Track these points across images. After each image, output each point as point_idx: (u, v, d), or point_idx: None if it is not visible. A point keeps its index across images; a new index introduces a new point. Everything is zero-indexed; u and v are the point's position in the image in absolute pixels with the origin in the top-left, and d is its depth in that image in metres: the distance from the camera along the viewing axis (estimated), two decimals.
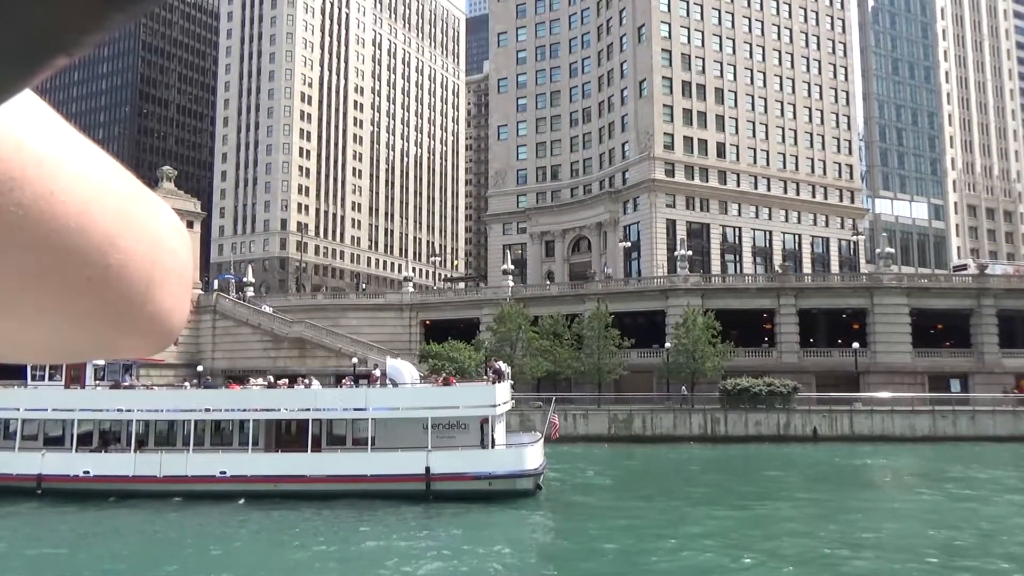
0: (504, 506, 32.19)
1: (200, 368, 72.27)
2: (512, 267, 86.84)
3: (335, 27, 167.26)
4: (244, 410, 34.31)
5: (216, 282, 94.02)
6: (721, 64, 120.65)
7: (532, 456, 32.92)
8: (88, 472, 33.62)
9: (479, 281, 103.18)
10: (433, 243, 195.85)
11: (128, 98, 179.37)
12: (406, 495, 32.48)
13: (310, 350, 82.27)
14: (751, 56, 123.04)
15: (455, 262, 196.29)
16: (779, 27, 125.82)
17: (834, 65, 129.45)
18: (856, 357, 69.93)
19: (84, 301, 0.73)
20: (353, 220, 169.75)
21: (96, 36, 0.61)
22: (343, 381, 40.93)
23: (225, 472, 33.11)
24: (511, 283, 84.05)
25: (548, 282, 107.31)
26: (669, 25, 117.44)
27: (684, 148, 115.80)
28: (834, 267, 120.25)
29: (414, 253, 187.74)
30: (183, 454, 33.63)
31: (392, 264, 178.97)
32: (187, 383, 42.66)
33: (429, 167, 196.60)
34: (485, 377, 36.22)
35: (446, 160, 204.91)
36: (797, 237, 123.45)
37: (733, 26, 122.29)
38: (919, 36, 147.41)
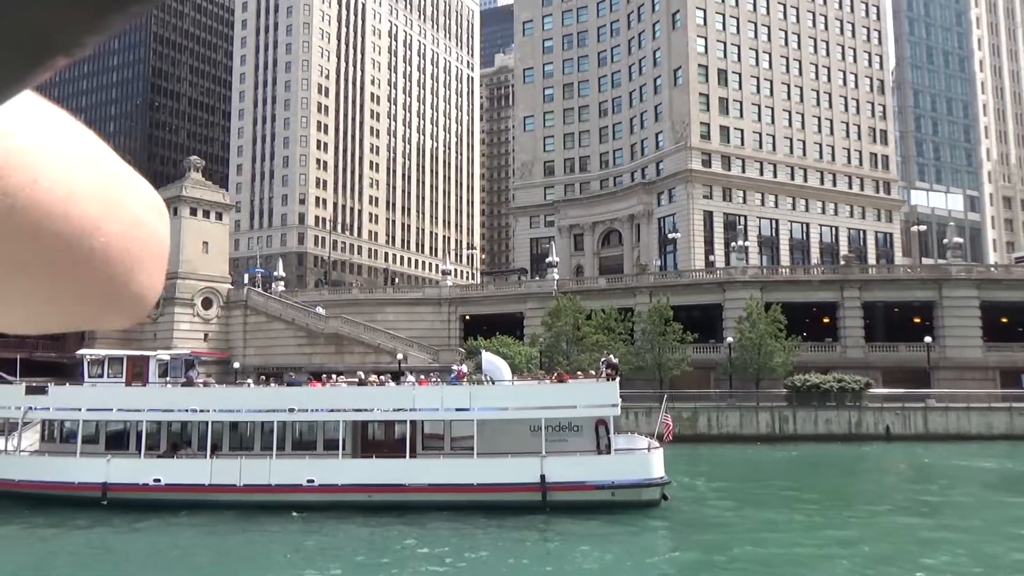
0: (629, 519, 28.70)
1: (237, 365, 68.92)
2: (556, 259, 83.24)
3: (352, 17, 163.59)
4: (332, 410, 30.74)
5: (246, 276, 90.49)
6: (756, 52, 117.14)
7: (657, 462, 29.41)
8: (159, 480, 30.05)
9: (520, 275, 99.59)
10: (449, 238, 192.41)
11: (140, 91, 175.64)
12: (518, 506, 28.97)
13: (347, 346, 78.84)
14: (786, 43, 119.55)
15: (470, 255, 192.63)
16: (814, 14, 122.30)
17: (869, 53, 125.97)
18: (928, 352, 66.38)
19: (69, 284, 0.74)
20: (370, 214, 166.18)
21: (97, 37, 0.61)
22: (425, 377, 37.22)
23: (313, 481, 29.56)
24: (556, 276, 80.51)
25: (578, 275, 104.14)
26: (704, 11, 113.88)
27: (720, 138, 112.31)
28: (871, 259, 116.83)
29: (431, 248, 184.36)
30: (265, 460, 30.06)
31: (410, 259, 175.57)
32: (249, 380, 39.11)
33: (444, 161, 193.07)
34: (595, 373, 32.62)
35: (461, 154, 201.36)
36: (834, 229, 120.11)
37: (768, 12, 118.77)
38: (953, 23, 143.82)
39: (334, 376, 36.39)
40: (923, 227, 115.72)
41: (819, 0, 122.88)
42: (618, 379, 30.96)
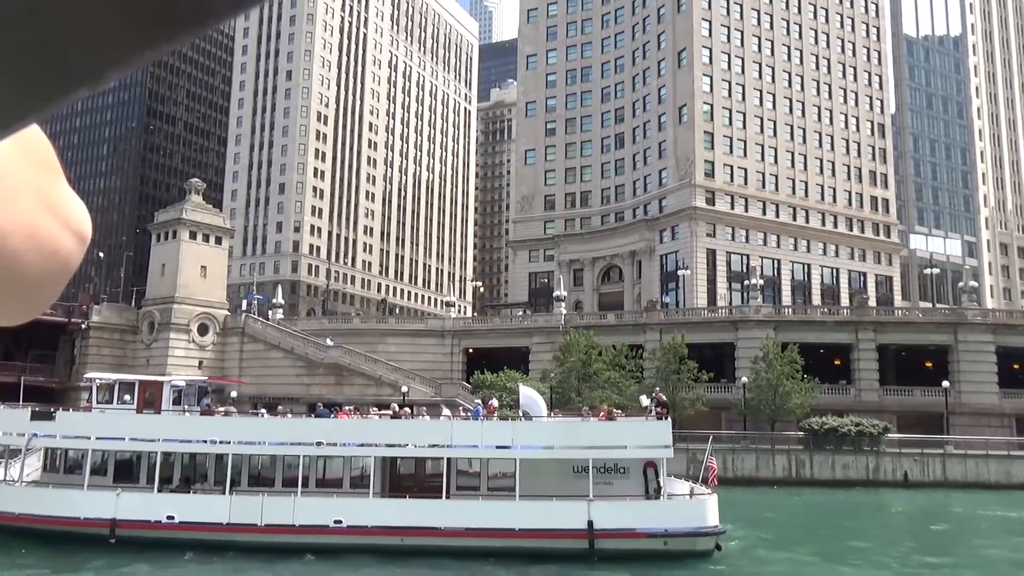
0: (682, 570, 26.69)
1: (235, 394, 66.28)
2: (563, 294, 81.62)
3: (353, 47, 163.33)
4: (362, 445, 28.59)
5: (244, 302, 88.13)
6: (760, 92, 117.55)
7: (712, 510, 27.48)
8: (173, 517, 27.69)
9: (526, 308, 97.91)
10: (442, 270, 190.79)
11: (135, 114, 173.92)
12: (562, 555, 26.87)
13: (347, 377, 76.55)
14: (790, 85, 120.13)
15: (473, 288, 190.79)
16: (817, 57, 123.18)
17: (870, 97, 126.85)
18: (946, 397, 64.99)
19: None
20: (365, 244, 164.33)
21: (121, 72, 0.62)
22: (453, 412, 35.06)
23: (341, 522, 27.30)
24: (563, 310, 78.84)
25: (576, 310, 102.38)
26: (710, 50, 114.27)
27: (724, 176, 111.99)
28: (871, 303, 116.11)
29: (423, 280, 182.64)
30: (289, 498, 27.80)
31: (403, 291, 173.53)
32: (263, 411, 36.84)
33: (440, 193, 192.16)
34: (647, 411, 30.64)
35: (456, 187, 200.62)
36: (834, 271, 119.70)
37: (773, 54, 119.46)
38: (952, 71, 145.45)
39: (356, 407, 34.16)
40: (936, 270, 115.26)
41: (822, 44, 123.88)
42: (670, 419, 29.09)
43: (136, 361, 77.82)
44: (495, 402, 34.18)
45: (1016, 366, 73.49)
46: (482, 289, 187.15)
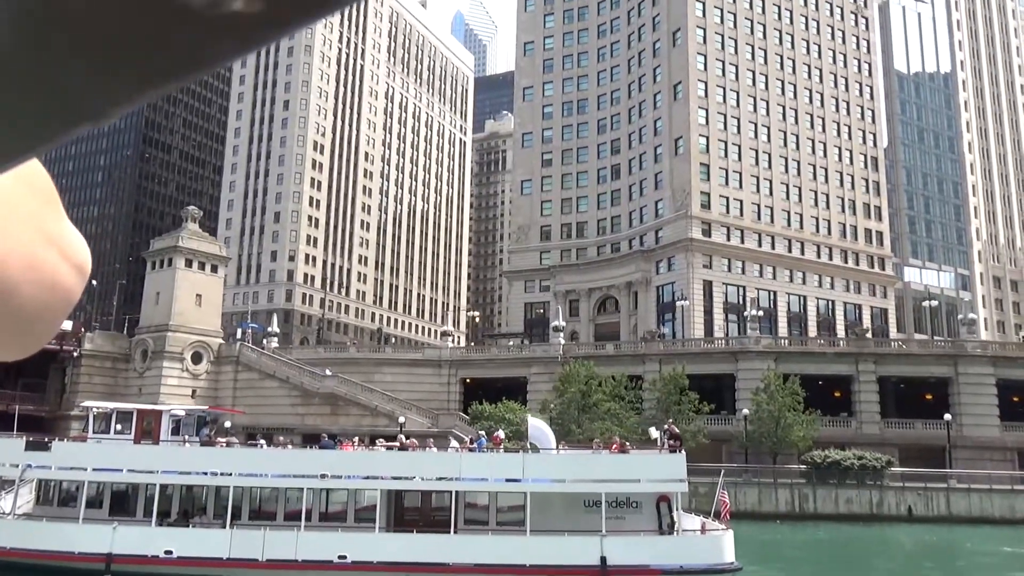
0: None
1: (228, 424, 65.17)
2: (562, 324, 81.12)
3: (350, 77, 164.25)
4: (368, 477, 27.83)
5: (239, 331, 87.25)
6: (756, 125, 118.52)
7: (728, 545, 26.79)
8: (171, 552, 26.75)
9: (524, 339, 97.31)
10: (436, 300, 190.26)
11: (131, 141, 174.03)
12: None
13: (343, 407, 75.54)
14: (784, 118, 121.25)
15: (469, 318, 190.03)
16: (811, 91, 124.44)
17: (863, 131, 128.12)
18: (948, 430, 64.51)
19: None
20: (359, 274, 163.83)
21: (127, 108, 0.63)
22: (461, 443, 34.29)
23: (345, 557, 26.43)
24: (561, 340, 78.27)
25: (572, 340, 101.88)
26: (705, 84, 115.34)
27: (720, 208, 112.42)
28: (868, 335, 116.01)
29: (417, 310, 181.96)
30: (292, 532, 26.94)
31: (397, 320, 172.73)
32: (261, 440, 36.01)
33: (434, 223, 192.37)
34: (659, 443, 29.97)
35: (451, 217, 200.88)
36: (830, 303, 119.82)
37: (767, 88, 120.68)
38: (943, 106, 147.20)
39: (374, 440, 33.37)
40: (934, 302, 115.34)
41: (815, 79, 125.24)
42: (684, 452, 28.43)
43: (128, 390, 76.67)
44: (501, 433, 33.43)
45: (1016, 399, 73.17)
46: (478, 319, 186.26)
